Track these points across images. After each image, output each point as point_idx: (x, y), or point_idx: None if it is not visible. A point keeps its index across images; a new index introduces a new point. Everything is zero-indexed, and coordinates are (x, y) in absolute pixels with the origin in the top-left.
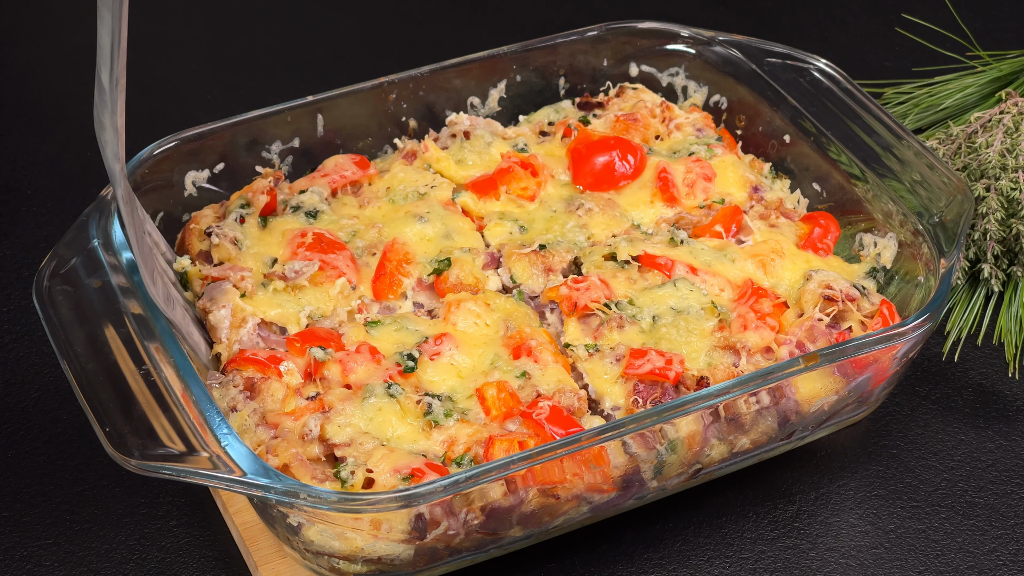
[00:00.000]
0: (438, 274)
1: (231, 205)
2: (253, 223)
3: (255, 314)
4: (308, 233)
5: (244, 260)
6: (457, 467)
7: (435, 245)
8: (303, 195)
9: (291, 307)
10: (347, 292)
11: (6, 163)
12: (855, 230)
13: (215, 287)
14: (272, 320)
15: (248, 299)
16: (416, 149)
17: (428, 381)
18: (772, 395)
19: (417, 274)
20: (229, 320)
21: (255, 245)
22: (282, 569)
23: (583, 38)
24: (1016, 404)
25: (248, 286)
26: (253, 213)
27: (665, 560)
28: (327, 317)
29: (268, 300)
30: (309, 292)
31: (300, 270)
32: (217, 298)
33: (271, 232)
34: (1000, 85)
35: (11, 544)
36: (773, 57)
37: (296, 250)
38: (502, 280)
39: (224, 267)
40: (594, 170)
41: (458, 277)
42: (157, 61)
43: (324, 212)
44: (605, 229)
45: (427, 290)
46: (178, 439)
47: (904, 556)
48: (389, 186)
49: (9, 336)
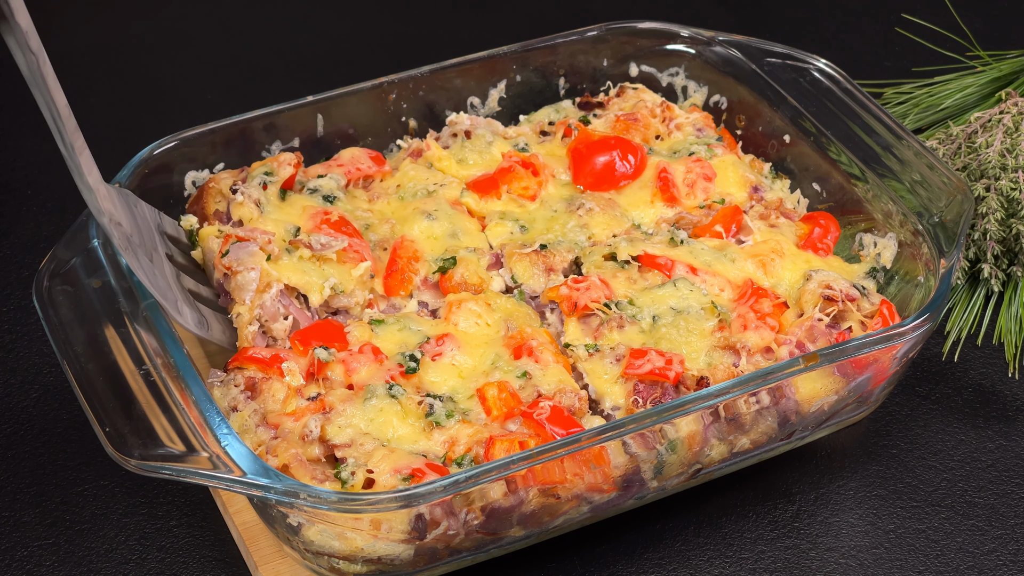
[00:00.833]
0: (443, 272)
1: (253, 171)
2: (274, 192)
3: (280, 280)
4: (334, 212)
5: (265, 223)
6: (457, 467)
7: (441, 244)
8: (321, 179)
9: (315, 276)
10: (367, 278)
11: (6, 163)
12: (855, 230)
13: (241, 247)
14: (295, 286)
15: (273, 263)
16: (421, 147)
17: (429, 382)
18: (772, 395)
19: (423, 272)
20: (256, 284)
21: (276, 212)
22: (282, 569)
23: (583, 38)
24: (1016, 404)
25: (274, 250)
26: (276, 182)
27: (665, 560)
28: (347, 295)
29: (293, 266)
30: (333, 266)
31: (327, 243)
32: (244, 259)
33: (291, 205)
34: (1000, 85)
35: (11, 544)
36: (773, 57)
37: (320, 225)
38: (505, 281)
39: (248, 228)
40: (595, 170)
41: (463, 276)
42: (157, 61)
43: (340, 199)
44: (606, 229)
45: (432, 288)
46: (178, 439)
47: (904, 556)
48: (400, 183)
49: (9, 336)
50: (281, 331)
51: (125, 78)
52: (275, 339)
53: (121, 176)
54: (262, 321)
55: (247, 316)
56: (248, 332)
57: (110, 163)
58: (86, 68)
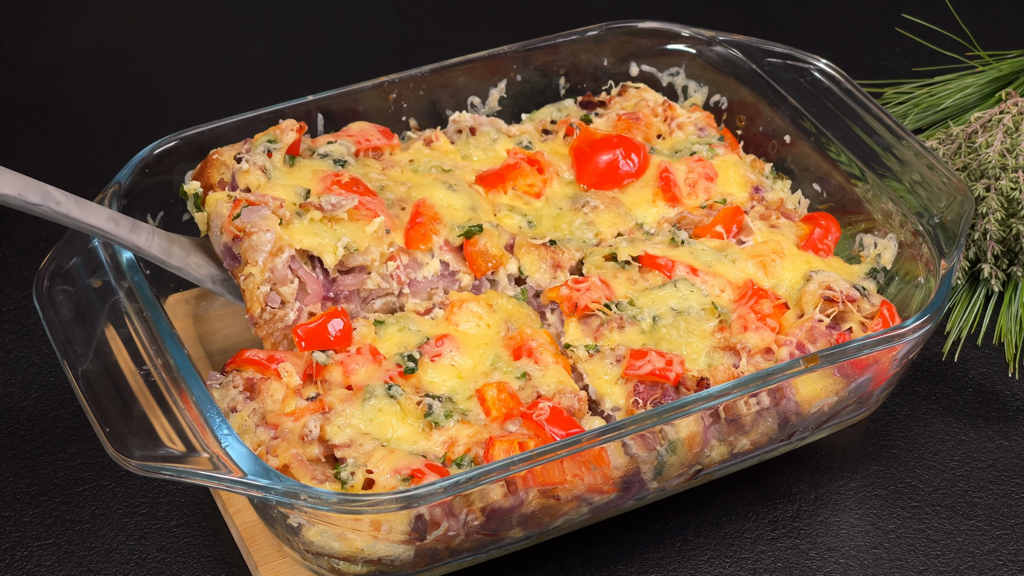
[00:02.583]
0: (468, 236)
1: (256, 141)
2: (280, 158)
3: (292, 245)
4: (344, 174)
5: (273, 189)
6: (457, 468)
7: (462, 214)
8: (331, 145)
9: (327, 237)
10: (382, 233)
11: (6, 163)
12: (855, 230)
13: (253, 211)
14: (307, 248)
15: (284, 228)
16: (431, 137)
17: (429, 382)
18: (772, 396)
19: (445, 234)
20: (271, 245)
21: (283, 178)
22: (282, 569)
23: (584, 38)
24: (1016, 404)
25: (285, 214)
26: (280, 148)
27: (665, 560)
28: (362, 253)
29: (304, 229)
30: (346, 226)
31: (338, 203)
32: (258, 222)
33: (300, 169)
34: (1000, 85)
35: (11, 544)
36: (773, 57)
37: (330, 187)
38: (515, 266)
39: (259, 194)
40: (598, 168)
41: (486, 246)
42: (157, 61)
43: (351, 164)
44: (611, 227)
45: (454, 252)
46: (178, 439)
47: (904, 556)
48: (413, 159)
49: (9, 336)
50: (289, 294)
51: (125, 78)
52: (284, 302)
53: (121, 176)
54: (272, 284)
55: (258, 277)
56: (259, 294)
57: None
58: (86, 68)
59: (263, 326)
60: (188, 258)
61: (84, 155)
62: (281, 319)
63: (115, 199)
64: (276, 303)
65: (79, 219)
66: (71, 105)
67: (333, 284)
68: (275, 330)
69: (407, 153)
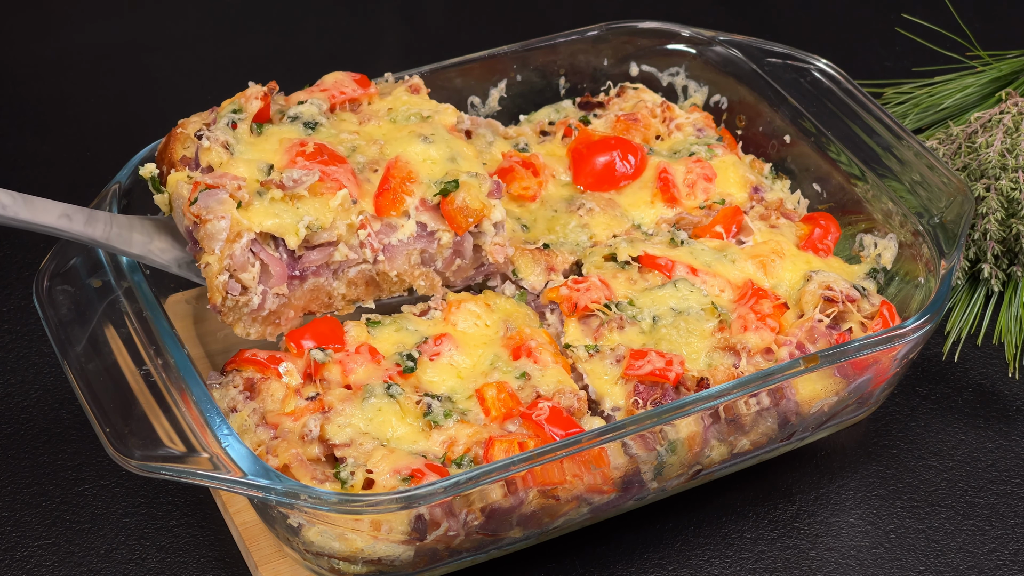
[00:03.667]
0: (444, 195)
1: (221, 111)
2: (245, 129)
3: (251, 229)
4: (309, 143)
5: (236, 166)
6: (457, 468)
7: (440, 167)
8: (301, 106)
9: (289, 217)
10: (348, 205)
11: (6, 163)
12: (855, 230)
13: (210, 195)
14: (269, 231)
15: (244, 211)
16: (418, 85)
17: (428, 381)
18: (772, 396)
19: (420, 194)
20: (227, 233)
21: (248, 151)
22: (282, 569)
23: (583, 38)
24: (1016, 404)
25: (245, 196)
26: (245, 119)
27: (665, 560)
28: (326, 229)
29: (264, 210)
30: (308, 202)
31: (299, 179)
32: (214, 207)
33: (267, 138)
34: (1000, 85)
35: (11, 544)
36: (773, 57)
37: (295, 158)
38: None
39: (218, 174)
40: (595, 170)
41: (464, 201)
42: (157, 61)
43: (323, 125)
44: (606, 229)
45: (431, 211)
46: (178, 440)
47: (904, 556)
48: (391, 107)
49: (9, 336)
50: (250, 279)
51: (125, 78)
52: (246, 288)
53: (121, 176)
54: (231, 271)
55: (216, 266)
56: (219, 282)
57: (110, 163)
58: (86, 68)
59: (228, 314)
60: (151, 244)
61: (84, 155)
62: (245, 305)
63: (115, 199)
64: (236, 291)
65: (28, 220)
66: (71, 105)
67: (298, 262)
68: (241, 315)
69: (386, 102)
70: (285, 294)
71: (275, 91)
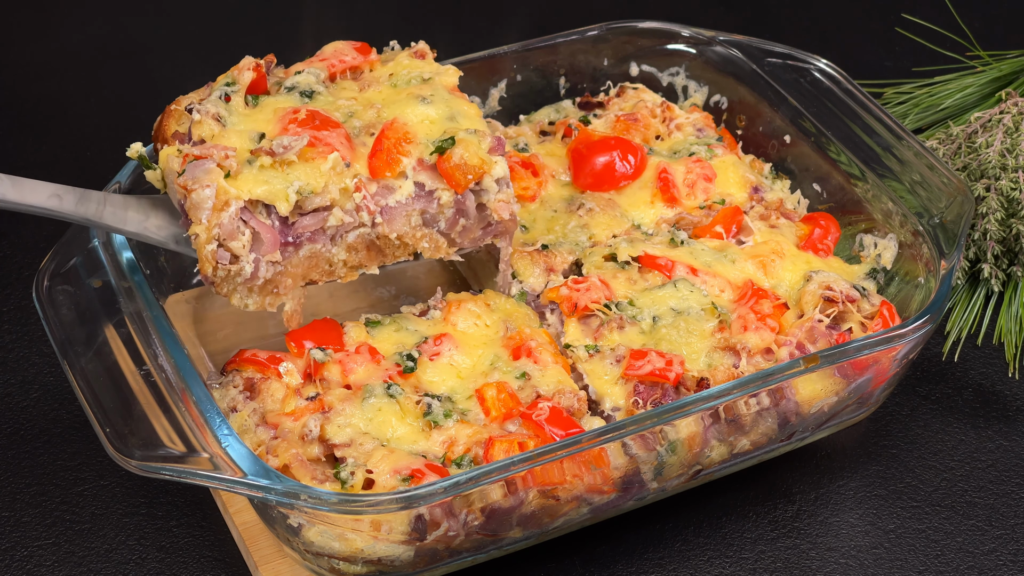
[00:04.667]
0: (441, 153)
1: (216, 85)
2: (239, 101)
3: (239, 197)
4: (301, 110)
5: (228, 138)
6: (457, 468)
7: (438, 127)
8: (298, 76)
9: (279, 183)
10: (340, 168)
11: (6, 163)
12: (855, 230)
13: (197, 165)
14: (259, 198)
15: (232, 180)
16: (425, 50)
17: (428, 381)
18: (772, 396)
19: (418, 154)
20: (212, 201)
21: (241, 122)
22: (282, 569)
23: (583, 38)
24: (1016, 404)
25: (233, 165)
26: (239, 91)
27: (665, 560)
28: (318, 194)
29: (254, 177)
30: (299, 168)
31: (289, 145)
32: (200, 177)
33: (262, 110)
34: (1000, 85)
35: (11, 544)
36: (773, 57)
37: (287, 126)
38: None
39: (207, 145)
40: (595, 170)
41: (462, 157)
42: (157, 61)
43: (320, 94)
44: (606, 229)
45: (429, 170)
46: (178, 440)
47: (904, 556)
48: (392, 72)
49: (9, 336)
50: (240, 248)
51: (125, 78)
52: (237, 256)
53: (121, 176)
54: (220, 240)
55: (204, 236)
56: (207, 252)
57: (110, 163)
58: (86, 68)
59: (221, 284)
60: (147, 221)
61: (84, 155)
62: (238, 274)
63: None
64: (226, 259)
65: (17, 201)
66: (71, 105)
67: (292, 228)
68: (236, 286)
69: (387, 68)
70: (279, 261)
71: (272, 64)
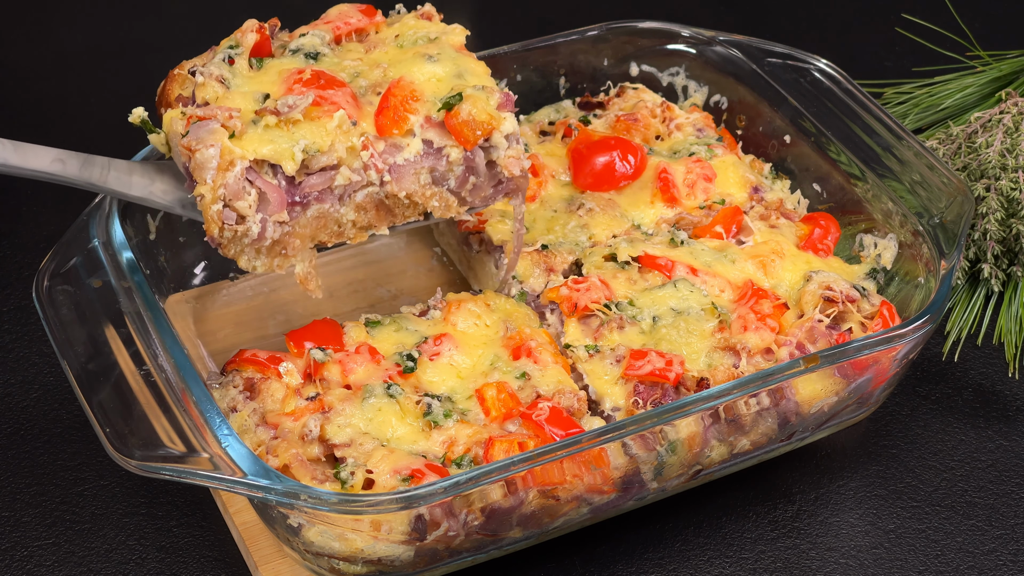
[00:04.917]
0: (448, 109)
1: (219, 49)
2: (243, 64)
3: (244, 157)
4: (306, 70)
5: (232, 99)
6: (457, 468)
7: (445, 84)
8: (303, 38)
9: (284, 143)
10: (346, 126)
11: None
12: (855, 230)
13: (200, 126)
14: (264, 157)
15: (237, 140)
16: (431, 12)
17: (428, 381)
18: (772, 396)
19: (425, 111)
20: (217, 161)
21: (245, 84)
22: (282, 569)
23: (583, 38)
24: (1016, 404)
25: (237, 125)
26: (243, 53)
27: (665, 560)
28: (325, 153)
29: (259, 137)
30: (304, 127)
31: (294, 104)
32: (204, 137)
33: (266, 72)
34: (1000, 85)
35: (11, 544)
36: (773, 57)
37: (292, 87)
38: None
39: (210, 107)
40: (594, 170)
41: (470, 114)
42: (157, 61)
43: (326, 55)
44: (606, 229)
45: (437, 127)
46: (178, 440)
47: (904, 556)
48: (399, 34)
49: (9, 336)
50: (246, 208)
51: (125, 78)
52: (243, 217)
53: None
54: (226, 200)
55: (209, 196)
56: (213, 212)
57: None
58: (86, 68)
59: (228, 246)
60: (152, 186)
61: None
62: (244, 234)
63: (115, 199)
64: (232, 220)
65: (19, 165)
66: (71, 105)
67: (298, 188)
68: (243, 247)
69: (393, 29)
70: (287, 221)
71: (276, 28)
